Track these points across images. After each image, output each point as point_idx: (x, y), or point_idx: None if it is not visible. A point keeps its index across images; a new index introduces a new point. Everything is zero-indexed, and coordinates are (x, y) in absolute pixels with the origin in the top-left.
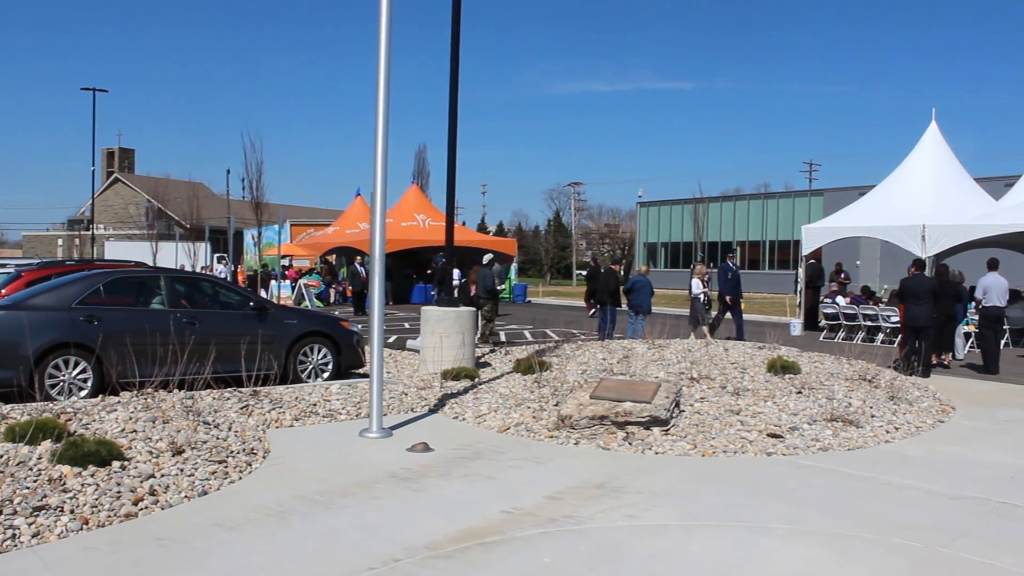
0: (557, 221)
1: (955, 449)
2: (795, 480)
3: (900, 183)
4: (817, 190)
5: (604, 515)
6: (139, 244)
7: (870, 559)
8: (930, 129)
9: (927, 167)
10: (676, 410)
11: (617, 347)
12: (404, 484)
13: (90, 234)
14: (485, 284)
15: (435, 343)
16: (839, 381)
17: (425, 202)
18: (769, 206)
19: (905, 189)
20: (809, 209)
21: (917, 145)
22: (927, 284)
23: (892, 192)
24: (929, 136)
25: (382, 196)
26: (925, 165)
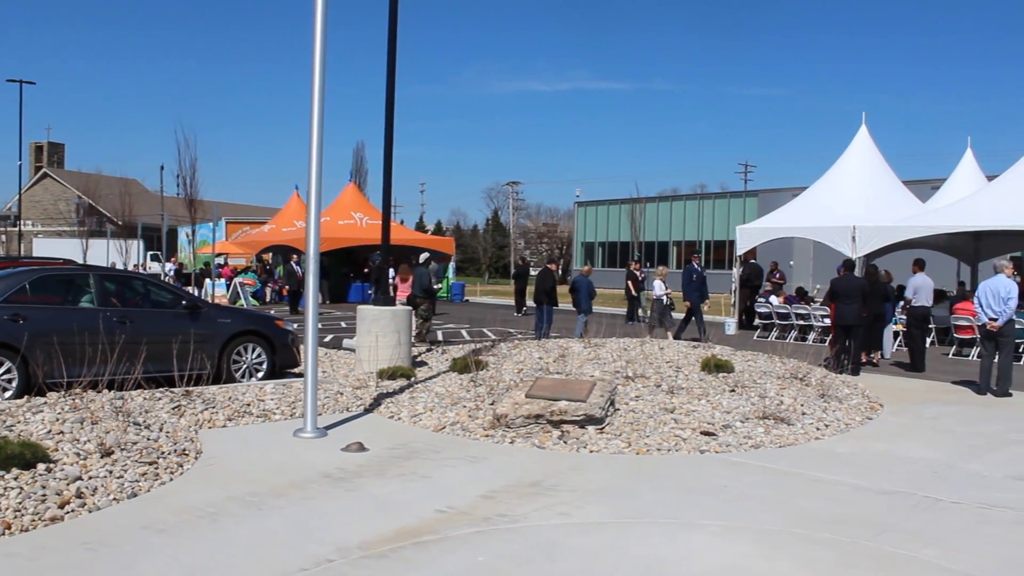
0: (495, 220)
1: (882, 445)
2: (727, 477)
3: (831, 185)
4: (752, 191)
5: (538, 513)
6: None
7: (799, 553)
8: (860, 132)
9: (857, 169)
10: (611, 408)
11: (553, 346)
12: (338, 484)
13: (17, 230)
14: (422, 283)
15: (371, 342)
16: (772, 379)
17: (363, 200)
18: (705, 206)
19: (836, 191)
20: (744, 210)
21: (848, 148)
22: (856, 284)
23: (824, 194)
24: (859, 139)
25: (317, 194)
26: (855, 167)
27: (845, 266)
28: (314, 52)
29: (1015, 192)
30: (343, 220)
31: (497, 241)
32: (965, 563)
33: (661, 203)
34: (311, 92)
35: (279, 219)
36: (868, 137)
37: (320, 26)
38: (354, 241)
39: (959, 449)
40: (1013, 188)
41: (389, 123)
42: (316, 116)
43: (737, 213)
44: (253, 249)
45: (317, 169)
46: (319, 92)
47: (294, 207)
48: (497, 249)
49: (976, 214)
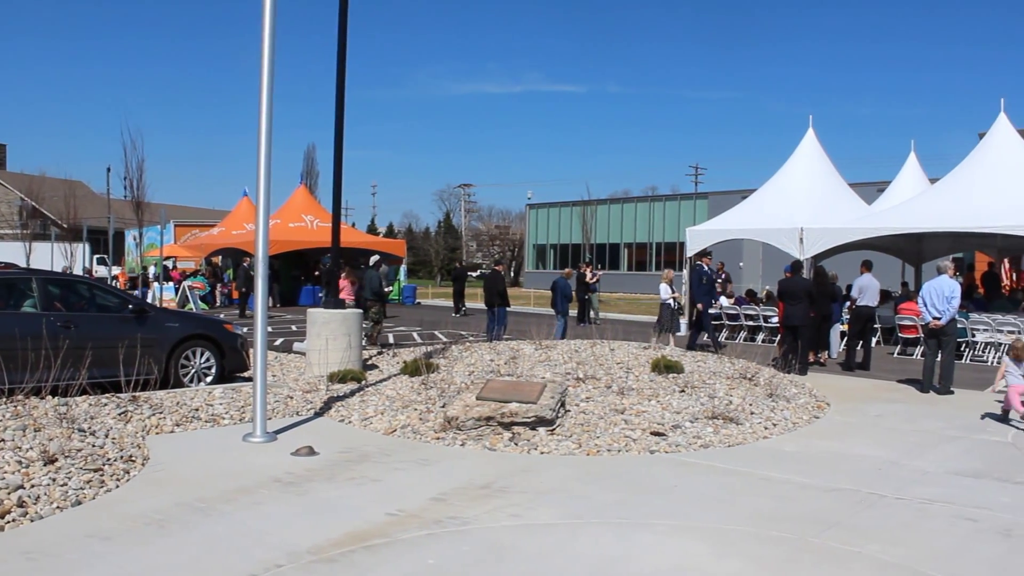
0: (447, 223)
1: (829, 444)
2: (677, 477)
3: (780, 187)
4: (702, 193)
5: (489, 515)
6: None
7: (747, 551)
8: (807, 135)
9: (805, 172)
10: (562, 410)
11: (504, 348)
12: (288, 488)
13: None
14: (372, 286)
15: (321, 345)
16: (721, 380)
17: (313, 203)
18: (656, 208)
19: (784, 193)
20: (694, 212)
21: (795, 151)
22: (803, 285)
23: (772, 196)
24: (806, 142)
25: (265, 196)
26: (803, 170)
27: (793, 267)
28: (262, 54)
29: (957, 195)
30: (293, 223)
31: (449, 243)
32: (907, 557)
33: (612, 205)
34: (259, 94)
35: (229, 222)
36: (815, 140)
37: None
38: (305, 244)
39: (903, 446)
40: (955, 191)
41: (339, 125)
42: (264, 118)
43: (688, 215)
44: (202, 252)
45: (266, 171)
46: (267, 94)
47: (244, 210)
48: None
49: (919, 216)
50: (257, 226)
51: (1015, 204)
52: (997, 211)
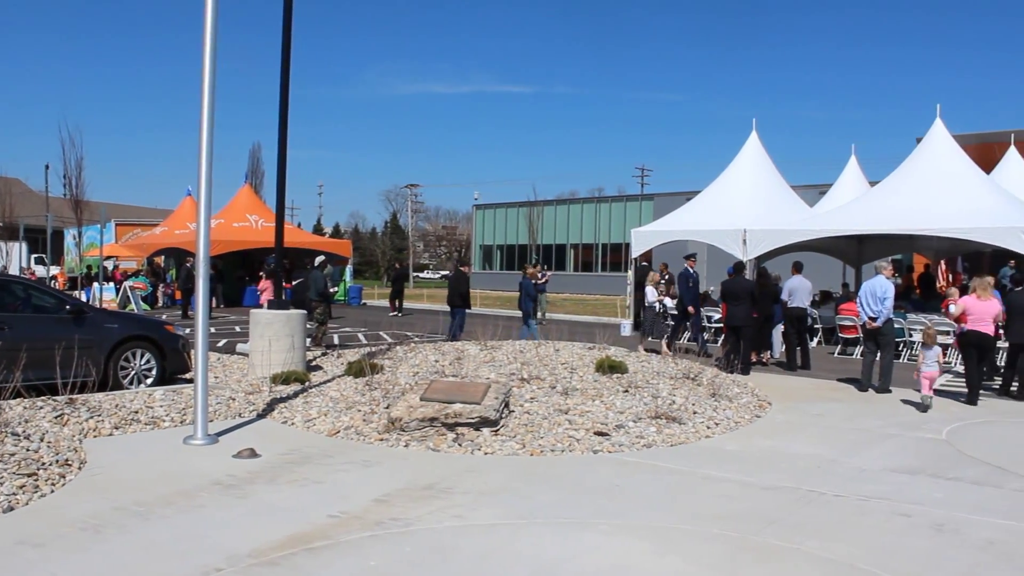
0: (394, 223)
1: (770, 442)
2: (620, 477)
3: (723, 189)
4: (648, 195)
5: (432, 516)
6: None
7: (688, 549)
8: (751, 138)
9: (748, 174)
10: (506, 411)
11: (450, 349)
12: (229, 491)
13: None
14: (317, 286)
15: (264, 347)
16: (664, 380)
17: (258, 202)
18: (602, 210)
19: (728, 195)
20: (640, 213)
21: (739, 153)
22: (746, 286)
23: (716, 197)
24: (750, 145)
25: (207, 196)
26: (746, 172)
27: (735, 268)
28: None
29: (895, 198)
30: (238, 222)
31: (396, 244)
32: (845, 553)
33: (559, 206)
34: (201, 92)
35: (171, 221)
36: (758, 143)
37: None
38: (249, 244)
39: (841, 444)
40: (893, 194)
41: (283, 124)
42: (206, 116)
43: (633, 216)
44: (144, 252)
45: (207, 169)
46: (209, 92)
47: (187, 209)
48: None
49: (859, 218)
50: (198, 225)
51: (950, 207)
52: (933, 214)
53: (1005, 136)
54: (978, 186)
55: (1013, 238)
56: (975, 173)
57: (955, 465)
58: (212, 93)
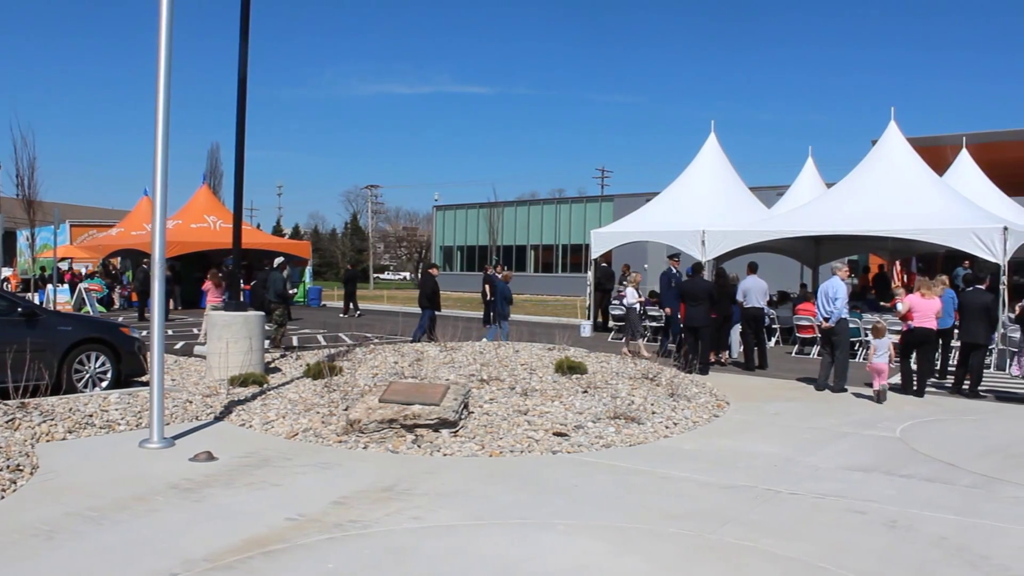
0: (354, 224)
1: (727, 442)
2: (578, 477)
3: (682, 190)
4: (608, 196)
5: (390, 518)
6: None
7: (645, 548)
8: (709, 140)
9: (707, 176)
10: (465, 412)
11: (409, 350)
12: (185, 495)
13: None
14: (276, 288)
15: (221, 349)
16: (623, 380)
17: (216, 203)
18: (562, 211)
19: (687, 196)
20: (600, 214)
21: (698, 155)
22: (705, 287)
23: (675, 199)
24: (708, 146)
25: (162, 196)
26: (705, 174)
27: (694, 269)
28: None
29: (851, 199)
30: (196, 223)
31: (356, 245)
32: (800, 550)
33: (519, 207)
34: (156, 92)
35: (128, 222)
36: (717, 145)
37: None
38: (207, 245)
39: (798, 443)
40: (849, 195)
41: (240, 124)
42: (161, 115)
43: (593, 217)
44: (100, 253)
45: (163, 168)
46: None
47: (144, 210)
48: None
49: (816, 220)
50: (154, 226)
51: (905, 209)
52: (888, 215)
53: (957, 139)
54: (931, 188)
55: (965, 239)
56: (928, 175)
57: (908, 463)
58: (167, 93)
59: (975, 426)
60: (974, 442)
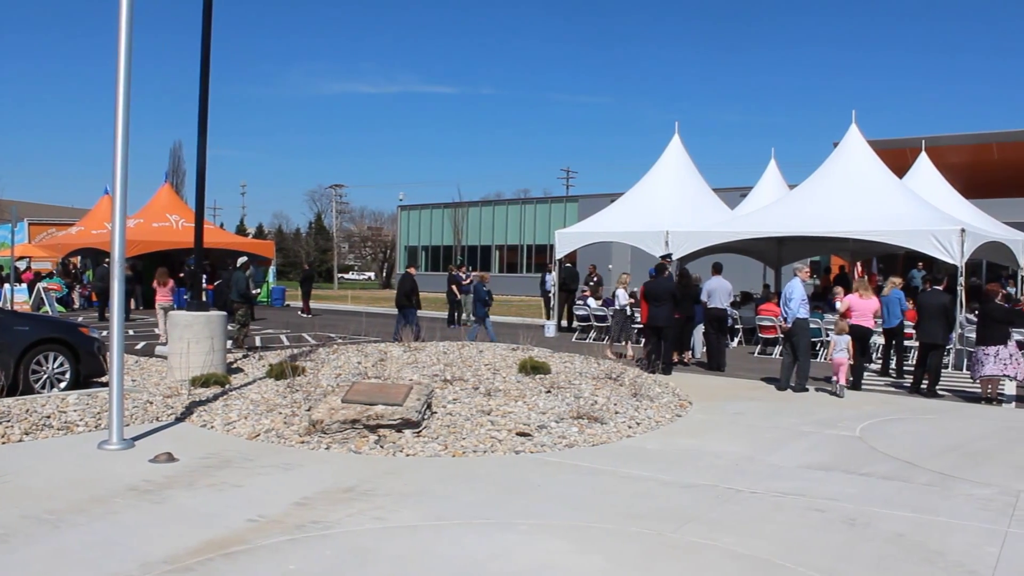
0: (319, 224)
1: (690, 441)
2: (541, 477)
3: (646, 191)
4: (573, 196)
5: (352, 519)
6: None
7: (607, 547)
8: (673, 141)
9: (671, 177)
10: (428, 412)
11: (372, 350)
12: (144, 497)
13: None
14: (239, 287)
15: (183, 349)
16: (587, 380)
17: (179, 202)
18: (527, 211)
19: (651, 197)
20: (565, 215)
21: (662, 156)
22: (668, 287)
23: (639, 199)
24: (672, 148)
25: (122, 193)
26: (669, 175)
27: (657, 270)
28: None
29: (813, 200)
30: (157, 222)
31: (320, 245)
32: (760, 548)
33: (484, 207)
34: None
35: (88, 221)
36: (681, 146)
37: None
38: (169, 244)
39: (759, 442)
40: (811, 197)
41: (203, 122)
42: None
43: (558, 218)
44: (60, 252)
45: (122, 165)
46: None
47: (104, 208)
48: (320, 253)
49: (778, 221)
50: (113, 225)
51: (866, 211)
52: (849, 217)
53: (917, 142)
54: (891, 190)
55: (924, 241)
56: (888, 178)
57: (868, 461)
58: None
59: (933, 425)
60: (932, 441)
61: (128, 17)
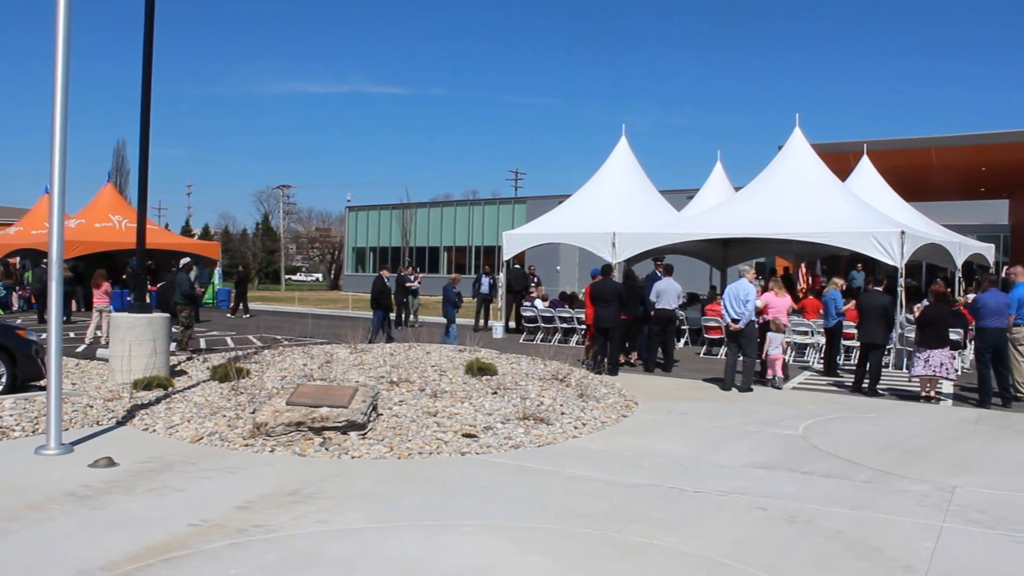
0: (266, 224)
1: (635, 441)
2: (487, 478)
3: (594, 193)
4: (521, 198)
5: (295, 522)
6: None
7: (551, 548)
8: (620, 143)
9: (618, 179)
10: (374, 414)
11: (319, 352)
12: (83, 502)
13: None
14: (182, 289)
15: (124, 351)
16: (533, 381)
17: (122, 202)
18: (475, 212)
19: (598, 199)
20: (513, 216)
21: (609, 158)
22: (614, 288)
23: (587, 201)
24: (619, 150)
25: (60, 192)
26: (616, 177)
27: (603, 271)
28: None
29: (758, 203)
30: (100, 223)
31: (267, 246)
32: (703, 547)
33: (432, 209)
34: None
35: (28, 221)
36: (628, 148)
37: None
38: (112, 245)
39: (704, 442)
40: (756, 199)
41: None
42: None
43: (506, 219)
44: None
45: (60, 165)
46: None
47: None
48: (267, 254)
49: (724, 223)
50: (51, 224)
51: (809, 213)
52: (793, 218)
53: (859, 146)
54: (834, 193)
55: (865, 242)
56: (831, 180)
57: (809, 460)
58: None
59: (873, 423)
60: (872, 439)
61: (66, 13)
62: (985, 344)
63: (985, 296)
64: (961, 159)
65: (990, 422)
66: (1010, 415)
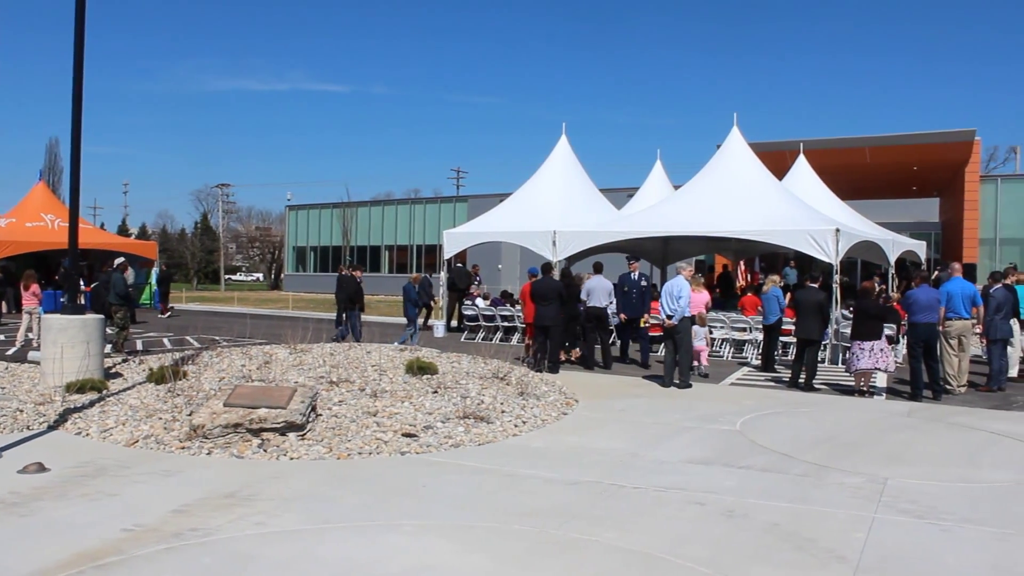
0: (205, 224)
1: (575, 438)
2: (427, 477)
3: (535, 191)
4: (463, 196)
5: (232, 525)
6: None
7: (491, 546)
8: (561, 142)
9: (559, 177)
10: (312, 414)
11: (258, 353)
12: (11, 510)
13: None
14: (116, 289)
15: (56, 354)
16: (474, 380)
17: (55, 201)
18: (417, 211)
19: (539, 197)
20: (454, 215)
21: (549, 156)
22: (554, 286)
23: (528, 199)
24: (560, 148)
25: None
26: (557, 175)
27: (542, 269)
28: None
29: (697, 201)
30: (31, 222)
31: (206, 245)
32: (641, 542)
33: (373, 207)
34: None
35: None
36: (568, 146)
37: None
38: (44, 245)
39: (643, 438)
40: (695, 197)
41: (77, 115)
42: None
43: (448, 218)
44: None
45: None
46: None
47: None
48: (206, 254)
49: (664, 220)
50: None
51: (747, 211)
52: (731, 217)
53: (795, 145)
54: (771, 192)
55: (801, 240)
56: (768, 179)
57: (747, 454)
58: None
59: (809, 418)
60: (807, 433)
61: None
62: (917, 339)
63: (917, 292)
64: (894, 158)
65: (921, 415)
66: (940, 407)
